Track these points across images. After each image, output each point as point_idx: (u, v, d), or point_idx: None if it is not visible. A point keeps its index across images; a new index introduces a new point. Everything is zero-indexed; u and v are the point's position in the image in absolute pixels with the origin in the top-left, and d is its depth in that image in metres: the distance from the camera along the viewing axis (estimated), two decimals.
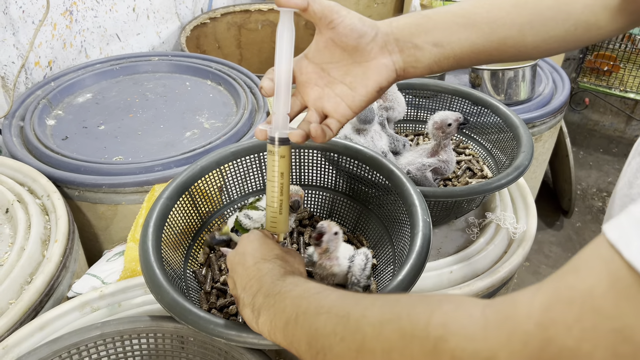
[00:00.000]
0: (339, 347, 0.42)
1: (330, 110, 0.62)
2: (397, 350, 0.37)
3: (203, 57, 1.60)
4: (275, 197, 0.66)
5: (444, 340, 0.34)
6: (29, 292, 0.86)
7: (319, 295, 0.48)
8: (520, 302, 0.32)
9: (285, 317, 0.49)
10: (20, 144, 1.22)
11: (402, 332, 0.38)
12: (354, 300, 0.45)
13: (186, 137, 1.27)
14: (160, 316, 0.71)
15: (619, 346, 0.26)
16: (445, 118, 0.92)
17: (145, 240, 0.73)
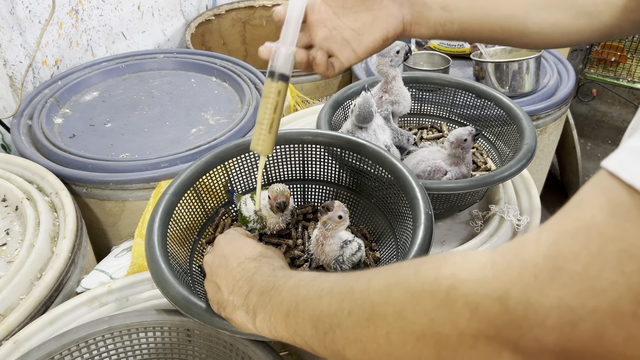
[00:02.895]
0: (348, 321, 0.41)
1: (335, 51, 0.65)
2: (408, 308, 0.37)
3: (208, 53, 1.61)
4: (268, 113, 0.65)
5: (455, 289, 0.34)
6: (39, 287, 0.88)
7: (316, 280, 0.47)
8: (527, 241, 0.33)
9: (285, 309, 0.48)
10: (29, 143, 1.23)
11: (412, 291, 0.37)
12: (355, 276, 0.44)
13: (192, 134, 1.28)
14: (167, 310, 0.72)
15: (625, 265, 0.27)
16: (460, 135, 0.95)
17: (151, 235, 0.74)
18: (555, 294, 0.29)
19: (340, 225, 0.75)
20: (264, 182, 0.95)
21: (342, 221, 0.74)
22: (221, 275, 0.60)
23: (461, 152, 0.96)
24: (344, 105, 1.11)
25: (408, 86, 1.15)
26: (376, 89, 1.08)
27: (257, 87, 1.45)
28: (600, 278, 0.28)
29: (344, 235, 0.78)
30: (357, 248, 0.78)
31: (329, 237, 0.76)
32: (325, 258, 0.78)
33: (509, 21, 0.63)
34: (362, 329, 0.39)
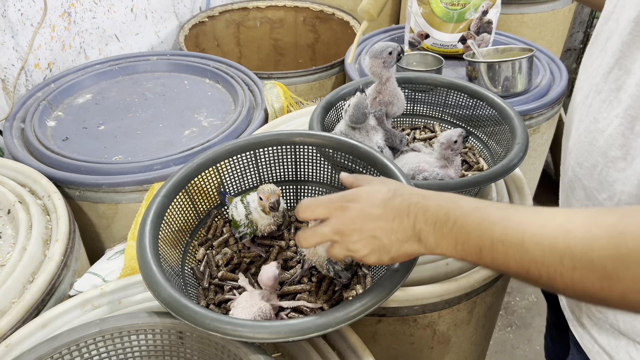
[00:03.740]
0: (596, 254, 0.42)
1: None
2: None
3: (201, 55, 1.61)
4: None
5: None
6: (31, 291, 0.87)
7: (503, 219, 0.48)
8: None
9: (477, 244, 0.49)
10: (21, 146, 1.23)
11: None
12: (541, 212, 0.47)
13: (185, 136, 1.28)
14: (158, 312, 0.72)
15: None
16: (450, 137, 0.95)
17: (143, 237, 0.74)
18: None
19: None
20: (253, 184, 0.95)
21: None
22: (368, 229, 0.57)
23: (451, 153, 0.96)
24: (336, 107, 1.12)
25: (401, 87, 1.15)
26: (370, 90, 1.08)
27: (250, 88, 1.45)
28: None
29: None
30: None
31: None
32: (318, 259, 0.78)
33: None
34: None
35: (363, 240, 0.57)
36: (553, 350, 0.99)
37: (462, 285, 0.88)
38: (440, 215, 0.52)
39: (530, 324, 1.87)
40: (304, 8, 2.05)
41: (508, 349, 1.79)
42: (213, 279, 0.83)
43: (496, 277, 0.94)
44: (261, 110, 1.35)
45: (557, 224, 0.45)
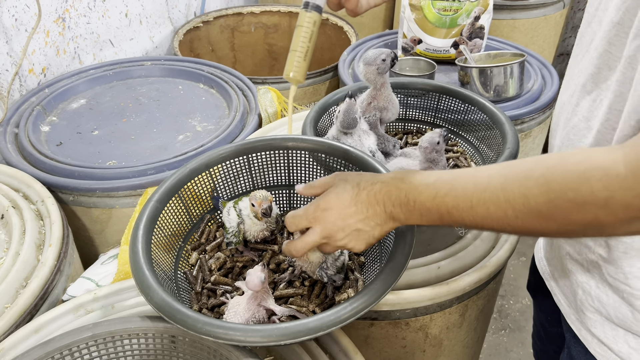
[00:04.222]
0: (535, 196, 0.50)
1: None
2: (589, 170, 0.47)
3: (195, 60, 1.62)
4: (306, 42, 0.70)
5: (611, 198, 0.46)
6: (24, 296, 0.88)
7: (463, 175, 0.57)
8: None
9: (447, 204, 0.56)
10: (15, 151, 1.23)
11: (576, 202, 0.48)
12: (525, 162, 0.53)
13: (179, 141, 1.29)
14: (151, 316, 0.73)
15: None
16: (432, 139, 0.95)
17: (135, 242, 0.74)
18: None
19: None
20: (246, 189, 0.95)
21: None
22: (349, 225, 0.63)
23: (436, 155, 0.96)
24: (329, 111, 1.12)
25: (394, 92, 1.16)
26: (365, 95, 1.09)
27: (244, 93, 1.45)
28: None
29: None
30: (340, 253, 0.79)
31: None
32: (309, 266, 0.78)
33: None
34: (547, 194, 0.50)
35: (349, 236, 0.64)
36: (542, 349, 1.00)
37: (453, 289, 0.89)
38: (402, 198, 0.59)
39: (524, 327, 1.88)
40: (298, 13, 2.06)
41: (502, 352, 1.80)
42: (206, 283, 0.84)
43: (487, 281, 0.95)
44: (255, 115, 1.36)
45: (495, 185, 0.53)
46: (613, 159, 0.47)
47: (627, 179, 0.45)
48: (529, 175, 0.51)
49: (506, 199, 0.52)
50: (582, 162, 0.48)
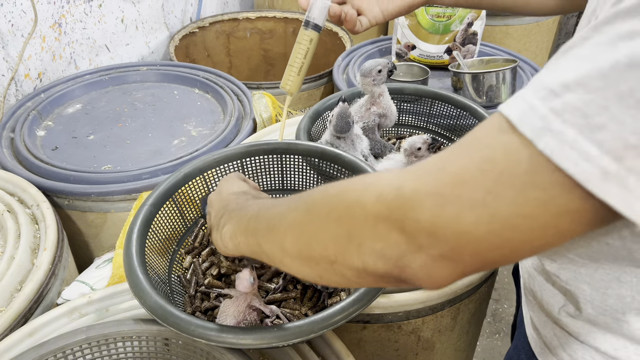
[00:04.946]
0: (292, 215, 0.47)
1: (365, 9, 0.73)
2: (334, 199, 0.43)
3: (191, 66, 1.63)
4: (299, 58, 0.73)
5: (372, 184, 0.40)
6: (19, 299, 0.88)
7: (279, 199, 0.54)
8: (431, 158, 0.39)
9: (248, 216, 0.55)
10: (11, 155, 1.24)
11: (341, 190, 0.43)
12: (304, 194, 0.50)
13: (174, 145, 1.30)
14: (145, 319, 0.73)
15: (487, 164, 0.34)
16: (414, 143, 0.95)
17: (129, 246, 0.75)
18: (432, 185, 0.36)
19: None
20: None
21: None
22: (214, 204, 0.67)
23: (415, 160, 0.96)
24: (323, 116, 1.13)
25: None
26: (363, 101, 1.10)
27: (239, 98, 1.47)
28: (467, 185, 0.35)
29: None
30: None
31: None
32: None
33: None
34: (301, 218, 0.46)
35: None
36: None
37: (444, 292, 0.90)
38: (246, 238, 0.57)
39: None
40: (294, 19, 2.08)
41: (496, 356, 1.81)
42: (199, 287, 0.84)
43: (479, 284, 0.96)
44: (250, 120, 1.37)
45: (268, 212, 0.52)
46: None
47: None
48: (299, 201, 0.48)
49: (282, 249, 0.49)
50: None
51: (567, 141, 0.31)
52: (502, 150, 0.34)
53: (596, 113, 0.30)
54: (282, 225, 0.48)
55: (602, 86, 0.30)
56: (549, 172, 0.32)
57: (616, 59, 0.30)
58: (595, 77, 0.31)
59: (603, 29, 0.32)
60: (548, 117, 0.32)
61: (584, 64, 0.32)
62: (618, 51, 0.30)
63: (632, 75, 0.30)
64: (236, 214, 0.59)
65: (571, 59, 0.33)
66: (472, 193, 0.34)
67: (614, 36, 0.31)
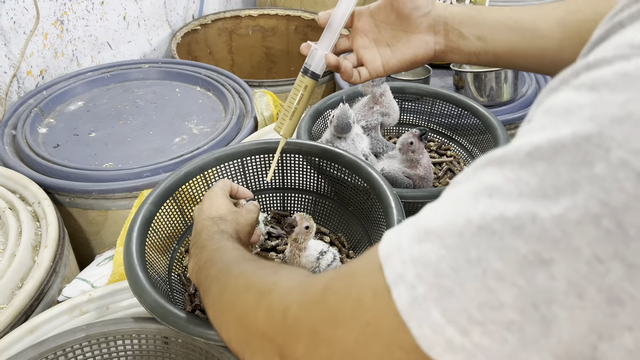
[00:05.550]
0: (213, 289, 0.52)
1: (367, 61, 0.71)
2: (239, 294, 0.46)
3: (193, 63, 1.63)
4: (294, 103, 0.74)
5: (268, 293, 0.42)
6: (20, 296, 0.88)
7: (224, 251, 0.58)
8: (325, 274, 0.39)
9: (199, 265, 0.59)
10: (12, 152, 1.24)
11: (248, 283, 0.46)
12: (242, 258, 0.54)
13: (175, 143, 1.30)
14: (144, 318, 0.74)
15: (357, 310, 0.32)
16: (405, 140, 0.97)
17: (130, 244, 0.75)
18: (312, 317, 0.36)
19: (310, 234, 0.76)
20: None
21: (310, 230, 0.76)
22: (194, 223, 0.70)
23: (412, 155, 0.97)
24: (324, 115, 1.13)
25: None
26: (366, 99, 1.10)
27: (240, 96, 1.46)
28: (340, 312, 0.34)
29: (319, 246, 0.80)
30: (332, 258, 0.80)
31: (303, 250, 0.78)
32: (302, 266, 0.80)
33: (544, 54, 0.65)
34: (215, 299, 0.51)
35: None
36: None
37: None
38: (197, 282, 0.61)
39: None
40: (296, 17, 2.07)
41: None
42: None
43: None
44: (251, 118, 1.37)
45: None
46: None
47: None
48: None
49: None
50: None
51: (417, 298, 0.28)
52: (371, 295, 0.31)
53: (446, 274, 0.27)
54: (207, 294, 0.54)
55: (455, 245, 0.28)
56: (404, 332, 0.29)
57: (471, 216, 0.27)
58: (452, 231, 0.28)
59: (476, 174, 0.29)
60: (407, 263, 0.29)
61: (450, 209, 0.29)
62: (476, 207, 0.27)
63: (482, 241, 0.26)
64: (197, 253, 0.62)
65: (447, 198, 0.30)
66: (343, 339, 0.33)
67: (479, 187, 0.28)
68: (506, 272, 0.26)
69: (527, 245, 0.25)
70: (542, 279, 0.25)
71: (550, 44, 0.65)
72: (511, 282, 0.25)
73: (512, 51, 0.67)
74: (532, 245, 0.25)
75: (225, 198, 0.73)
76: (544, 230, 0.25)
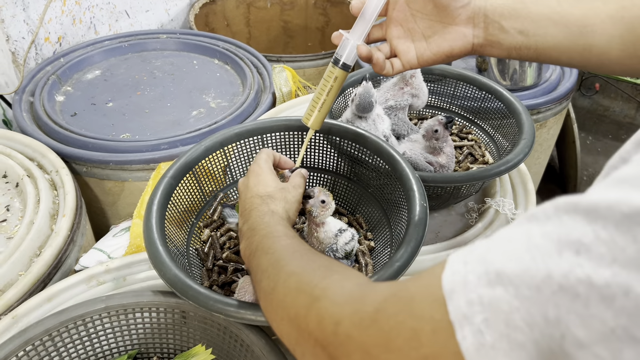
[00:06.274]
0: (264, 282, 0.52)
1: (400, 52, 0.68)
2: (290, 295, 0.47)
3: (211, 35, 1.61)
4: (323, 94, 0.72)
5: (319, 300, 0.42)
6: (38, 264, 0.89)
7: (276, 238, 0.58)
8: (377, 290, 0.38)
9: (251, 249, 0.59)
10: (30, 120, 1.24)
11: (299, 285, 0.46)
12: (292, 250, 0.54)
13: (192, 116, 1.29)
14: (163, 291, 0.74)
15: (413, 341, 0.32)
16: (430, 127, 0.95)
17: (149, 218, 0.75)
18: (364, 337, 0.35)
19: (326, 210, 0.75)
20: None
21: (326, 205, 0.75)
22: (241, 199, 0.70)
23: (436, 142, 0.95)
24: (345, 93, 1.12)
25: None
26: (395, 80, 1.08)
27: (259, 71, 1.45)
28: (393, 342, 0.33)
29: (337, 224, 0.79)
30: (351, 237, 0.79)
31: (320, 225, 0.77)
32: (319, 246, 0.79)
33: (591, 51, 0.61)
34: (266, 293, 0.51)
35: None
36: None
37: None
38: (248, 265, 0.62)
39: None
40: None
41: None
42: (217, 260, 0.85)
43: None
44: (269, 94, 1.35)
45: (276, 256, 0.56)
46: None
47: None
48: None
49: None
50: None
51: (484, 345, 0.27)
52: (430, 330, 0.30)
53: (519, 328, 0.26)
54: (258, 287, 0.55)
55: (531, 298, 0.26)
56: None
57: (552, 271, 0.25)
58: (529, 283, 0.26)
59: (559, 217, 0.27)
60: (474, 305, 0.28)
61: (527, 255, 0.27)
62: (559, 262, 0.25)
63: (563, 302, 0.24)
64: (249, 236, 0.62)
65: (522, 237, 0.28)
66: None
67: (563, 237, 0.26)
68: (588, 341, 0.24)
69: (616, 319, 0.23)
70: (630, 356, 0.23)
71: (599, 41, 0.61)
72: (593, 353, 0.24)
73: (555, 47, 0.62)
74: (622, 320, 0.23)
75: (271, 173, 0.71)
76: (638, 307, 0.22)
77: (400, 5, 0.67)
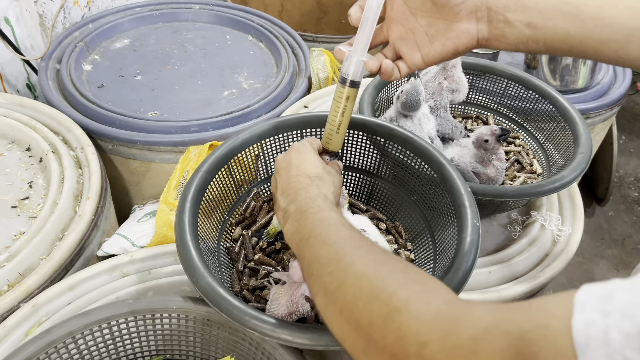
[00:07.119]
0: (325, 278, 0.48)
1: (404, 54, 0.64)
2: (362, 300, 0.42)
3: (245, 9, 1.53)
4: (337, 116, 0.69)
5: (399, 312, 0.39)
6: (60, 249, 0.85)
7: (332, 227, 0.53)
8: (473, 314, 0.35)
9: (301, 234, 0.55)
10: (56, 89, 1.19)
11: (372, 289, 0.42)
12: (355, 245, 0.50)
13: (224, 97, 1.23)
14: (193, 298, 0.70)
15: None
16: (480, 135, 0.89)
17: (182, 216, 0.70)
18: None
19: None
20: None
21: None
22: (282, 177, 0.65)
23: (484, 153, 0.89)
24: (388, 87, 1.05)
25: None
26: (434, 74, 1.01)
27: (294, 51, 1.38)
28: None
29: (357, 222, 0.74)
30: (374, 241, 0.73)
31: None
32: None
33: (607, 45, 0.56)
34: (328, 291, 0.47)
35: None
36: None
37: (502, 297, 0.85)
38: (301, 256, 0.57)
39: None
40: None
41: None
42: (248, 262, 0.80)
43: (537, 292, 0.90)
44: (305, 78, 1.29)
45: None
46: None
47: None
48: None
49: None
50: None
51: None
52: None
53: None
54: (317, 282, 0.49)
55: None
56: None
57: None
58: None
59: None
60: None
61: None
62: None
63: None
64: (298, 218, 0.57)
65: None
66: None
67: None
68: None
69: None
70: None
71: (616, 34, 0.55)
72: None
73: (566, 41, 0.57)
74: None
75: (317, 154, 0.67)
76: None
77: (397, 4, 0.62)
